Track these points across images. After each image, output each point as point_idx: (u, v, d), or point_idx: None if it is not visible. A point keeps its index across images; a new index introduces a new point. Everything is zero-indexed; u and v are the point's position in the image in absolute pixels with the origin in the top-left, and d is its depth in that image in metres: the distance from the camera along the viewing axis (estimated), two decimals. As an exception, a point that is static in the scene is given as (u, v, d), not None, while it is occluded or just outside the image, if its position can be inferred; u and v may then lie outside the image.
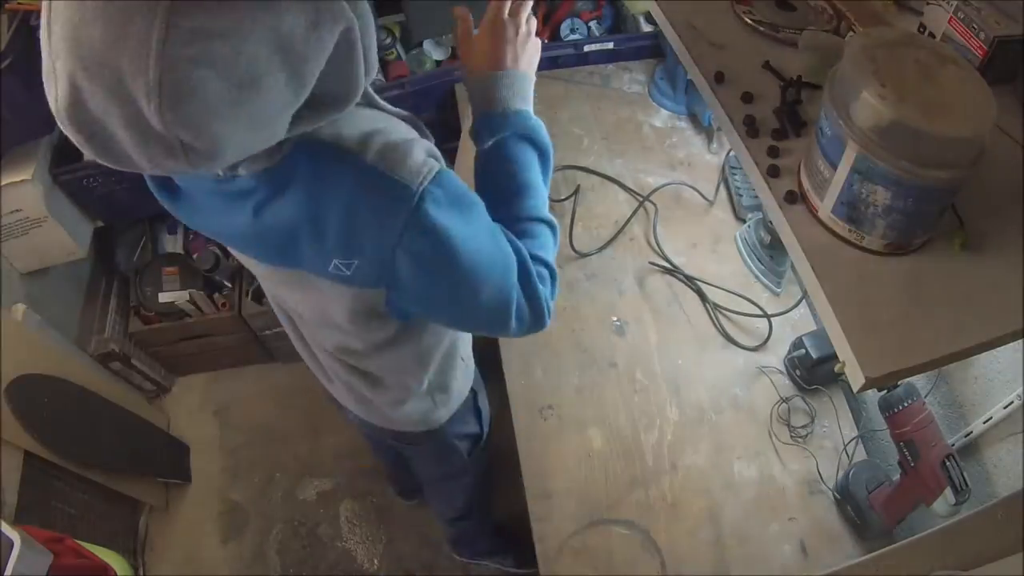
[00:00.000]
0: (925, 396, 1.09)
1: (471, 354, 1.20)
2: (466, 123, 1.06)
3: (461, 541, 1.87)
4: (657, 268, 1.43)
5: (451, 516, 1.68)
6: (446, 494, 1.58)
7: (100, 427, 1.78)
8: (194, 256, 2.06)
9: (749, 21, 0.97)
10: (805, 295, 1.35)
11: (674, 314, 1.38)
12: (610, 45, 1.78)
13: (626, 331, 1.36)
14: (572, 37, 1.84)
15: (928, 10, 0.85)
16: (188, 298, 1.96)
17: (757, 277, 1.42)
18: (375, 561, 1.96)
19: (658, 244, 1.47)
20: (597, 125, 1.68)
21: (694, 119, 1.67)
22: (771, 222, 1.33)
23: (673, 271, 1.43)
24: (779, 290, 1.40)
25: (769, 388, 1.29)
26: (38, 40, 0.57)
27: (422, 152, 0.74)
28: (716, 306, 1.39)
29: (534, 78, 0.95)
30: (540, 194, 0.92)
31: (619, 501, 1.16)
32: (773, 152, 0.82)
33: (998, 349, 0.73)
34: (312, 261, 0.76)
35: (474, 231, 0.78)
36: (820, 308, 0.72)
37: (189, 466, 2.13)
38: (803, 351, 1.25)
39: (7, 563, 1.09)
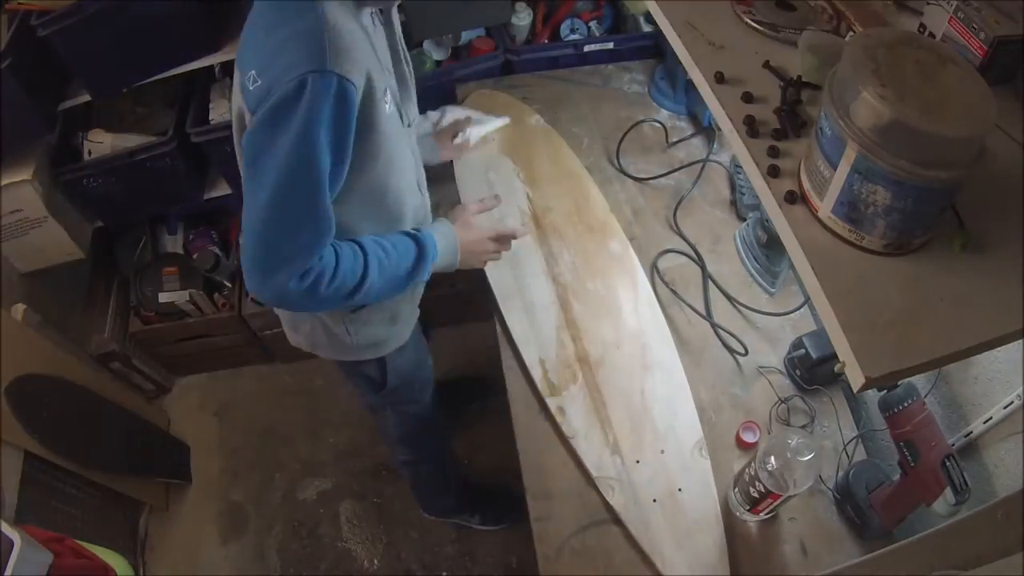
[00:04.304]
0: (925, 396, 1.09)
1: (396, 312, 1.26)
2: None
3: (420, 491, 1.92)
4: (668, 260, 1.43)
5: (400, 456, 1.73)
6: (379, 424, 1.67)
7: (100, 427, 1.78)
8: (194, 256, 2.06)
9: (749, 21, 0.97)
10: (807, 299, 1.35)
11: (674, 314, 1.38)
12: (610, 45, 1.78)
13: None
14: (572, 37, 1.83)
15: (928, 10, 0.85)
16: (188, 298, 1.96)
17: (752, 276, 1.42)
18: (375, 561, 1.96)
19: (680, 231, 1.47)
20: (597, 125, 1.68)
21: (694, 119, 1.67)
22: (768, 221, 1.34)
23: (689, 259, 1.43)
24: (773, 290, 1.40)
25: (768, 388, 1.29)
26: (38, 40, 0.59)
27: (362, 67, 0.88)
28: (725, 295, 1.39)
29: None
30: (387, 274, 1.06)
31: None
32: (773, 152, 0.82)
33: (998, 349, 0.73)
34: (243, 66, 0.91)
35: (325, 146, 0.87)
36: (820, 308, 0.72)
37: (189, 466, 2.13)
38: (803, 351, 1.25)
39: (7, 563, 1.09)
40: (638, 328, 1.34)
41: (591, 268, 1.41)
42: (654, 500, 1.16)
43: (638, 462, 1.19)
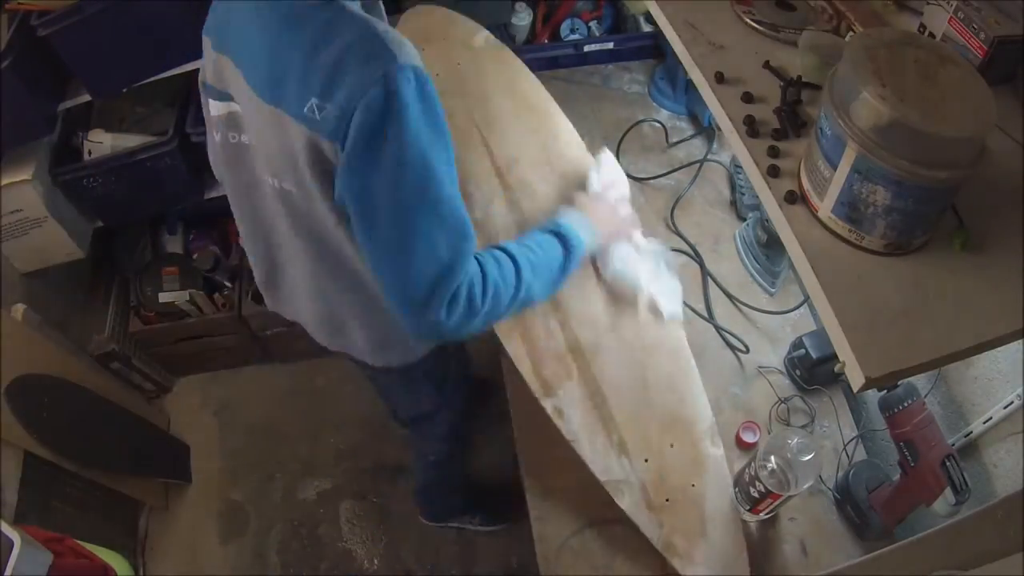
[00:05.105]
0: (925, 396, 1.09)
1: None
2: None
3: (429, 497, 1.88)
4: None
5: (432, 457, 1.67)
6: (424, 432, 1.60)
7: (100, 427, 1.78)
8: (194, 256, 2.06)
9: (749, 21, 0.97)
10: (807, 298, 1.35)
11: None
12: (610, 45, 1.78)
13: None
14: (572, 37, 1.84)
15: (928, 10, 0.85)
16: (188, 298, 1.96)
17: (752, 276, 1.42)
18: (375, 561, 1.96)
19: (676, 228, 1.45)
20: (597, 125, 1.68)
21: (694, 119, 1.67)
22: (768, 221, 1.34)
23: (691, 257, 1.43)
24: (774, 290, 1.40)
25: (768, 388, 1.29)
26: (38, 40, 0.58)
27: (416, 56, 0.83)
28: (725, 293, 1.39)
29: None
30: (542, 272, 1.00)
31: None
32: (773, 152, 0.82)
33: (998, 349, 0.73)
34: (293, 99, 0.83)
35: (431, 142, 0.82)
36: (820, 308, 0.72)
37: (189, 466, 2.13)
38: (803, 351, 1.25)
39: (7, 563, 1.09)
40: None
41: None
42: (667, 500, 1.10)
43: (647, 461, 1.12)
